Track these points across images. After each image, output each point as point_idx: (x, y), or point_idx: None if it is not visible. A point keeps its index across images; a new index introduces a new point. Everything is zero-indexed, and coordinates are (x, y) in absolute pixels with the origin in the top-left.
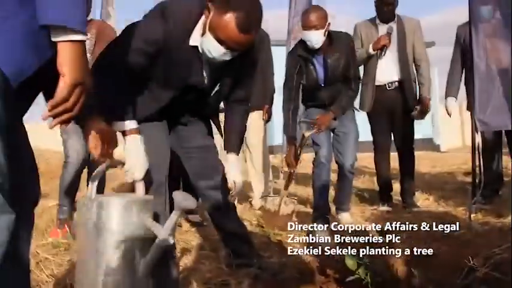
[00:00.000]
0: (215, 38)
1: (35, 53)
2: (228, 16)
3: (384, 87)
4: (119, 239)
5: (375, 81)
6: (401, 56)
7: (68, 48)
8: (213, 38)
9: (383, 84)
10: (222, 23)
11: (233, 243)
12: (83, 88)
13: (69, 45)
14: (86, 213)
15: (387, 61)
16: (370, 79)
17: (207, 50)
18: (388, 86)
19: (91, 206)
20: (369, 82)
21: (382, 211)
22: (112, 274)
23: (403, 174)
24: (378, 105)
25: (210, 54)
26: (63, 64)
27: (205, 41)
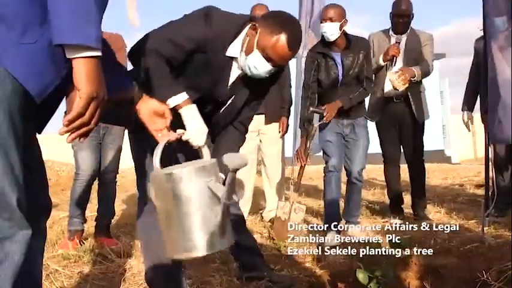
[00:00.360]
0: (264, 55)
1: (54, 68)
2: (279, 36)
3: (391, 99)
4: (195, 203)
5: (383, 92)
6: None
7: (83, 64)
8: (261, 56)
9: (391, 96)
10: (273, 42)
11: (243, 256)
12: (98, 101)
13: (85, 61)
14: (160, 185)
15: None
16: (379, 89)
17: (252, 66)
18: (395, 98)
19: (165, 178)
20: (378, 92)
21: (394, 224)
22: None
23: (414, 187)
24: (386, 116)
25: (255, 70)
26: (79, 79)
27: (251, 58)
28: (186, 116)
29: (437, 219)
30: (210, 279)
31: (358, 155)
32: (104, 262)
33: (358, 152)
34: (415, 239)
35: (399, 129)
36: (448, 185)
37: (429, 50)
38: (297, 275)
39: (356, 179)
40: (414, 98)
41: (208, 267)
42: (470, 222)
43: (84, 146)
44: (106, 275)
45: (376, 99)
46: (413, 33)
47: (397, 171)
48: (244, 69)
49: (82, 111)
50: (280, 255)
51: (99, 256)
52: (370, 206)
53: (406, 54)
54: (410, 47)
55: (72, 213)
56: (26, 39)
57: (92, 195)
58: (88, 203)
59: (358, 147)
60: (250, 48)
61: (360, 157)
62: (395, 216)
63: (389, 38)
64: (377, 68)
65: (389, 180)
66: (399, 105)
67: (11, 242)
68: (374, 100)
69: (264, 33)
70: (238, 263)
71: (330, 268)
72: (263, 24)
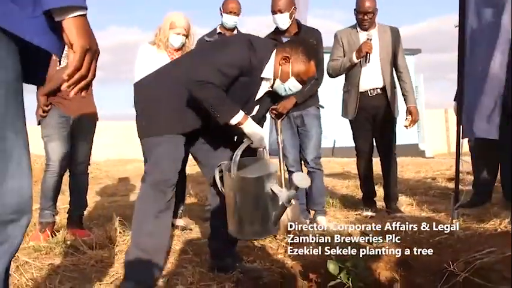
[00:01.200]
0: (298, 80)
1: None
2: (310, 64)
3: (366, 94)
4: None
5: (358, 89)
6: (383, 63)
7: (73, 22)
8: (296, 80)
9: (365, 91)
10: (306, 68)
11: (217, 245)
12: (92, 54)
13: (74, 19)
14: (230, 183)
15: (370, 68)
16: (354, 86)
17: (288, 89)
18: (370, 92)
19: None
20: (352, 89)
21: (366, 216)
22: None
23: (386, 180)
24: (361, 111)
25: (290, 92)
26: (71, 35)
27: (288, 83)
28: (248, 129)
29: (409, 211)
30: (182, 271)
31: (311, 145)
32: (76, 254)
33: (310, 142)
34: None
35: (373, 124)
36: (421, 178)
37: (402, 50)
38: (269, 266)
39: (312, 168)
40: (390, 92)
41: (181, 259)
42: (440, 215)
43: (54, 137)
44: (77, 266)
45: (350, 96)
46: (382, 29)
47: (370, 165)
48: (279, 91)
49: (78, 65)
50: (253, 247)
51: (71, 248)
52: (344, 198)
53: (381, 50)
54: (384, 43)
55: (43, 205)
56: (36, 14)
57: (66, 186)
58: (60, 195)
59: (310, 138)
60: (286, 75)
61: (312, 146)
62: (368, 208)
63: (358, 34)
64: (350, 65)
65: (362, 173)
66: (373, 100)
67: (14, 226)
68: (348, 98)
69: (296, 62)
70: (212, 251)
71: (301, 259)
72: (294, 55)
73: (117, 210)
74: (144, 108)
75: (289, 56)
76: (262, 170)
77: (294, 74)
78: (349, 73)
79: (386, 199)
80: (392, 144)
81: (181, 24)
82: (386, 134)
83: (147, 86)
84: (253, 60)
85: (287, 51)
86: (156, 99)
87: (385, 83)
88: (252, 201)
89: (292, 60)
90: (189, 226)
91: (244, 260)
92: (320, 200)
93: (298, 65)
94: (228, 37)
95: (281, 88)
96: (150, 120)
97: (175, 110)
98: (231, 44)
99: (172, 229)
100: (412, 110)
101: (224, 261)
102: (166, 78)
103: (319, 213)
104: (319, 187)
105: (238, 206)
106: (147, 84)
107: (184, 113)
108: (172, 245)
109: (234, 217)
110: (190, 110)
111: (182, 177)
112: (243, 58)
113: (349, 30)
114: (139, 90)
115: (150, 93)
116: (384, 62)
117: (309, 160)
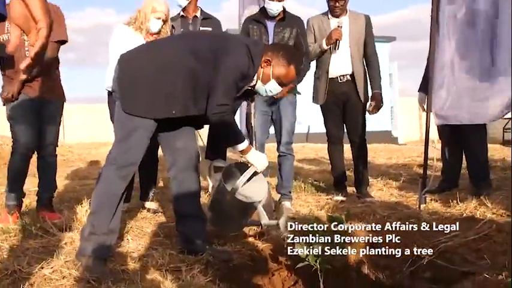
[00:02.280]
0: (278, 82)
1: None
2: (290, 67)
3: (336, 80)
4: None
5: (328, 75)
6: (353, 49)
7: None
8: (276, 82)
9: (335, 77)
10: (286, 71)
11: (187, 227)
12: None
13: None
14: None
15: (340, 55)
16: (324, 72)
17: (268, 91)
18: (339, 79)
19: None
20: (322, 75)
21: (337, 201)
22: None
23: (357, 165)
24: (330, 97)
25: (270, 93)
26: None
27: (269, 85)
28: (252, 157)
29: (379, 196)
30: (152, 253)
31: (283, 130)
32: (45, 236)
33: (283, 127)
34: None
35: (343, 109)
36: (392, 164)
37: (372, 37)
38: (240, 249)
39: (284, 152)
40: (359, 79)
41: (152, 241)
42: (409, 200)
43: (20, 119)
44: (47, 248)
45: (320, 82)
46: (353, 16)
47: (341, 150)
48: (260, 92)
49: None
50: None
51: (41, 230)
52: (316, 183)
53: (351, 38)
54: (354, 31)
55: (10, 188)
56: None
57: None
58: (31, 178)
59: (283, 124)
60: (267, 77)
61: (285, 132)
62: (339, 193)
63: (329, 21)
64: (321, 51)
65: (333, 158)
66: (343, 86)
67: None
68: (318, 83)
69: (277, 66)
70: (181, 235)
71: (271, 242)
72: (275, 59)
73: (88, 193)
74: (129, 86)
75: (270, 59)
76: (255, 194)
77: (275, 76)
78: (320, 59)
79: (357, 184)
80: (362, 130)
81: (162, 9)
82: (356, 120)
83: (135, 62)
84: (251, 70)
85: (269, 54)
86: (144, 80)
87: (354, 69)
88: (235, 212)
89: (274, 64)
90: (160, 209)
91: (215, 243)
92: (287, 184)
93: (278, 68)
94: (227, 42)
95: (262, 89)
96: (135, 100)
97: (162, 95)
98: (233, 53)
99: (144, 212)
100: (376, 96)
101: (194, 244)
102: (156, 58)
103: (284, 198)
104: (287, 172)
105: (222, 208)
106: (136, 61)
107: (171, 100)
108: (143, 228)
109: (215, 214)
110: (177, 99)
111: (154, 161)
112: (244, 67)
113: (321, 17)
114: (126, 65)
115: (138, 73)
116: (353, 49)
117: (281, 145)
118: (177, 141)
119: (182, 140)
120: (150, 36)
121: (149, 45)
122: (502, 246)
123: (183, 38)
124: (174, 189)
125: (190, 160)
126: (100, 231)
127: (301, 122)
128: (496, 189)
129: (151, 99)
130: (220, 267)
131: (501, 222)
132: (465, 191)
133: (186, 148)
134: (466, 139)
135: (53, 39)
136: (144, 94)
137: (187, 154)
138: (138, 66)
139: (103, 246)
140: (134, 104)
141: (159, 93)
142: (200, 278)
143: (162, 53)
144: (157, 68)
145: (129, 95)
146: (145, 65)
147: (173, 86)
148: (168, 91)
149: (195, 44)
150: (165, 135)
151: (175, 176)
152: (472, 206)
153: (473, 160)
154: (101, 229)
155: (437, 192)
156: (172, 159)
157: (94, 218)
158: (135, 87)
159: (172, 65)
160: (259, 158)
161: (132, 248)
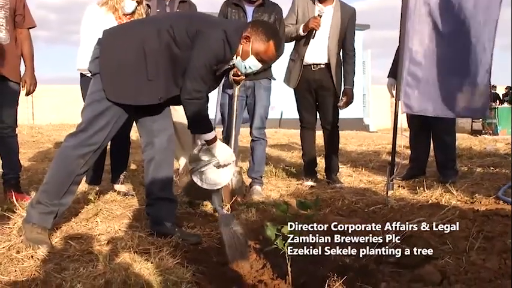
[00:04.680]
0: (258, 58)
1: None
2: (269, 43)
3: (309, 68)
4: None
5: (303, 61)
6: (332, 42)
7: None
8: (255, 59)
9: (309, 64)
10: (265, 47)
11: (157, 209)
12: None
13: None
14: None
15: (316, 44)
16: (299, 58)
17: (248, 67)
18: (313, 67)
19: None
20: (297, 60)
21: (307, 186)
22: None
23: (328, 151)
24: (304, 83)
25: (249, 70)
26: None
27: (248, 61)
28: (217, 149)
29: (348, 182)
30: (121, 235)
31: (257, 115)
32: (12, 216)
33: (257, 112)
34: (323, 200)
35: (316, 96)
36: (363, 151)
37: (353, 32)
38: (209, 232)
39: (256, 137)
40: (334, 69)
41: (121, 224)
42: (377, 186)
43: None
44: (14, 229)
45: (295, 66)
46: (338, 7)
47: (313, 136)
48: (239, 68)
49: None
50: (194, 213)
51: (8, 211)
52: (287, 168)
53: (331, 29)
54: (336, 22)
55: None
56: None
57: None
58: None
59: (257, 109)
60: (246, 54)
61: (258, 117)
62: (309, 178)
63: (314, 6)
64: (297, 35)
65: (305, 144)
66: (317, 74)
67: None
68: (292, 67)
69: (256, 41)
70: (151, 217)
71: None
72: (254, 35)
73: None
74: (113, 74)
75: (249, 35)
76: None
77: (254, 52)
78: (298, 43)
79: (327, 170)
80: (334, 118)
81: None
82: (329, 107)
83: (116, 50)
84: (228, 54)
85: (248, 31)
86: (127, 70)
87: (329, 60)
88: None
89: (252, 40)
90: (130, 192)
91: (184, 226)
92: (259, 168)
93: (257, 44)
94: (204, 26)
95: (241, 65)
96: (119, 87)
97: (146, 83)
98: (208, 38)
99: (114, 194)
100: (347, 91)
101: (163, 227)
102: (137, 45)
103: (255, 182)
104: (259, 156)
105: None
106: (117, 49)
107: (155, 87)
108: (112, 210)
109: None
110: (160, 85)
111: (125, 143)
112: (219, 54)
113: (307, 0)
114: (108, 54)
115: (122, 61)
116: (331, 41)
117: (254, 129)
118: (154, 123)
119: (159, 121)
120: (123, 16)
121: (127, 30)
122: (464, 231)
123: (161, 22)
124: (149, 171)
125: (168, 141)
126: (47, 202)
127: (274, 107)
128: (461, 177)
129: (137, 86)
130: (189, 250)
131: (464, 209)
132: (432, 179)
133: (164, 129)
134: (434, 128)
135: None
136: (129, 82)
137: (165, 135)
138: (120, 54)
139: (48, 216)
140: (119, 91)
141: (142, 80)
142: (169, 260)
143: (142, 38)
144: (138, 55)
145: (114, 83)
146: (126, 52)
147: (156, 73)
148: (152, 77)
149: (174, 30)
150: (142, 116)
151: (153, 156)
152: (437, 193)
153: (440, 148)
154: (49, 200)
155: (405, 179)
156: (149, 140)
157: (44, 189)
158: (119, 76)
159: (153, 51)
160: (224, 151)
161: (101, 230)
